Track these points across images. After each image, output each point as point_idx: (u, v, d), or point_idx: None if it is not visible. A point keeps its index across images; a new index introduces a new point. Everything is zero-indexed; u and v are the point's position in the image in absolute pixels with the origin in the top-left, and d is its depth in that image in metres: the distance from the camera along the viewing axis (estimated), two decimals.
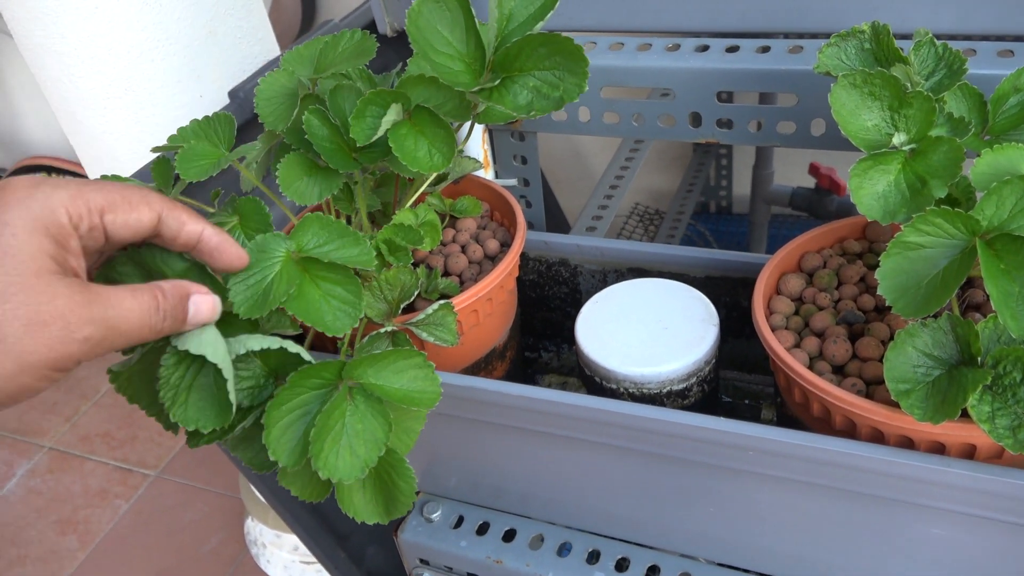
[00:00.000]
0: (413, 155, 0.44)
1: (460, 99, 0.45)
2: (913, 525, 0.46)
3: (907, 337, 0.41)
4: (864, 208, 0.41)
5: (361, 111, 0.44)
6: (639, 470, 0.53)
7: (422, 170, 0.44)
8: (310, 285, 0.42)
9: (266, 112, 0.48)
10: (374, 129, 0.44)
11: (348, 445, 0.39)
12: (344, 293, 0.42)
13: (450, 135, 0.45)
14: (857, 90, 0.42)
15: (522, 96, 0.43)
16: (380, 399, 0.41)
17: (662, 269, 0.64)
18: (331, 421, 0.39)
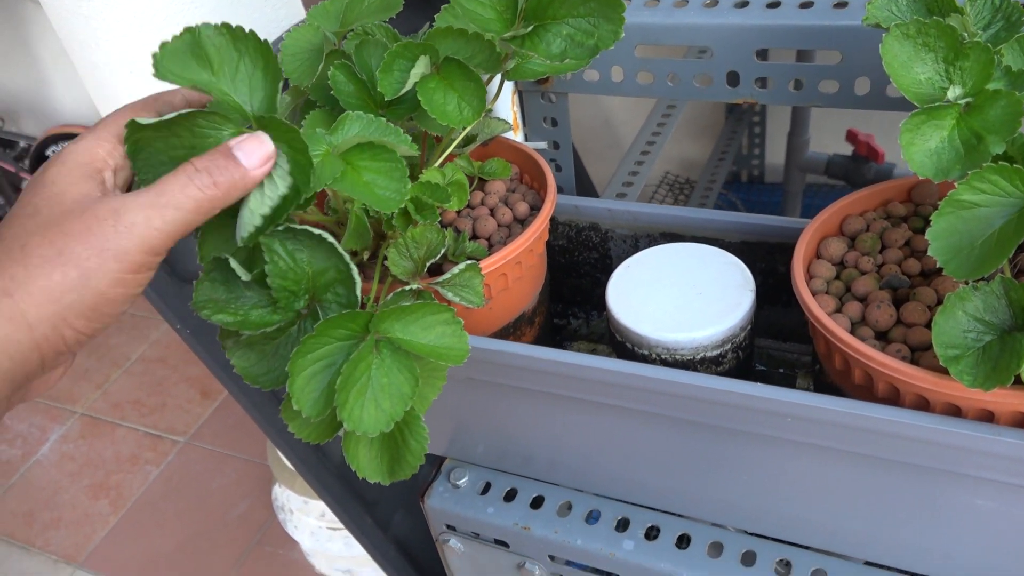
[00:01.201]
0: (443, 109, 0.43)
1: (490, 50, 0.44)
2: (956, 496, 0.44)
3: (957, 301, 0.40)
4: (916, 165, 0.39)
5: (388, 64, 0.43)
6: (671, 437, 0.52)
7: (451, 123, 0.43)
8: (354, 174, 0.40)
9: (291, 68, 0.47)
10: (402, 83, 0.43)
11: (373, 398, 0.38)
12: (388, 181, 0.40)
13: (480, 88, 0.44)
14: (910, 41, 0.40)
15: (555, 44, 0.42)
16: (407, 353, 0.40)
17: (696, 234, 0.62)
18: (357, 373, 0.38)
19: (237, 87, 0.41)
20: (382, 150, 0.40)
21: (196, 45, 0.40)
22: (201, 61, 0.41)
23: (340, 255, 0.41)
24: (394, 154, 0.40)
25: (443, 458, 0.66)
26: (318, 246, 0.41)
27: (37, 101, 2.11)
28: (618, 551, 0.57)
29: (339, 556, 1.44)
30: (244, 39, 0.41)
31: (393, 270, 0.48)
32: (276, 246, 0.40)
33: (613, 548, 0.58)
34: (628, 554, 0.57)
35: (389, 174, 0.40)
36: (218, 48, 0.41)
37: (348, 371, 0.38)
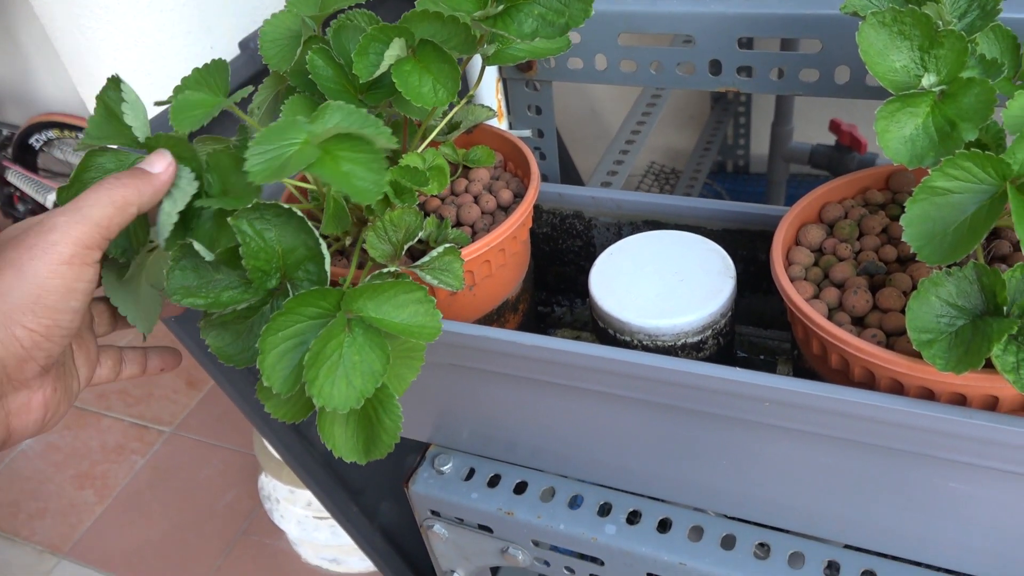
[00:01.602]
0: (417, 91, 0.43)
1: (466, 32, 0.44)
2: (931, 479, 0.45)
3: (931, 286, 0.40)
4: (891, 152, 0.40)
5: (364, 47, 0.43)
6: (652, 422, 0.52)
7: (426, 105, 0.43)
8: (332, 163, 0.40)
9: (270, 53, 0.47)
10: (376, 65, 0.43)
11: (344, 375, 0.38)
12: (367, 172, 0.40)
13: (455, 70, 0.44)
14: (886, 29, 0.41)
15: (527, 24, 0.42)
16: (379, 331, 0.40)
17: (678, 222, 0.63)
18: (327, 350, 0.38)
19: (134, 123, 0.44)
20: (361, 141, 0.40)
21: (106, 107, 0.46)
22: (112, 117, 0.45)
23: (309, 231, 0.42)
24: (372, 145, 0.40)
25: (427, 444, 0.67)
26: (287, 223, 0.42)
27: (20, 89, 2.09)
28: (600, 535, 0.58)
29: (325, 545, 1.44)
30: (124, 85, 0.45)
31: (372, 253, 0.48)
32: (244, 226, 0.41)
33: (595, 533, 0.58)
34: (610, 538, 0.58)
35: (368, 165, 0.40)
36: (115, 101, 0.45)
37: (317, 347, 0.38)
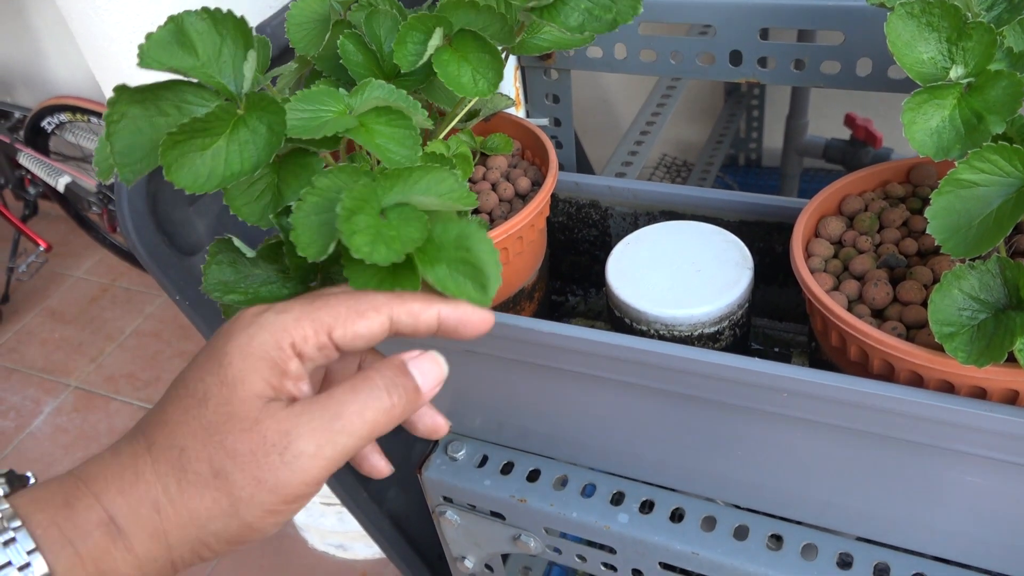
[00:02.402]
0: (457, 80, 0.43)
1: (503, 22, 0.44)
2: (948, 472, 0.45)
3: (954, 279, 0.40)
4: (916, 144, 0.40)
5: (403, 37, 0.43)
6: (667, 412, 0.52)
7: (467, 95, 0.43)
8: (367, 135, 0.40)
9: (297, 37, 0.47)
10: (418, 55, 0.43)
11: (383, 242, 0.35)
12: (400, 147, 0.40)
13: (497, 59, 0.44)
14: (915, 20, 0.41)
15: (574, 17, 0.42)
16: (414, 207, 0.37)
17: (695, 212, 0.63)
18: (362, 224, 0.35)
19: (222, 69, 0.41)
20: (398, 116, 0.40)
21: (180, 32, 0.41)
22: (185, 47, 0.41)
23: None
24: (409, 121, 0.40)
25: None
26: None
27: (32, 72, 2.10)
28: (613, 524, 0.58)
29: (332, 531, 1.45)
30: (224, 21, 0.41)
31: None
32: (286, 223, 0.40)
33: (608, 521, 0.58)
34: (622, 527, 0.58)
35: (402, 141, 0.40)
36: (200, 33, 0.41)
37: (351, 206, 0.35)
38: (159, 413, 0.34)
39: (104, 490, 0.32)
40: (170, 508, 0.32)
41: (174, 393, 0.34)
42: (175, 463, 0.32)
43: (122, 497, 0.32)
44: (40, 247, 2.05)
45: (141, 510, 0.32)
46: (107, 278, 2.26)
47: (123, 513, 0.32)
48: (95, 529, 0.31)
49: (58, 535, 0.31)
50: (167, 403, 0.34)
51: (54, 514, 0.31)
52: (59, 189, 1.93)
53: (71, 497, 0.32)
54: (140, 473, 0.32)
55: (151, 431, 0.33)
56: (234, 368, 0.33)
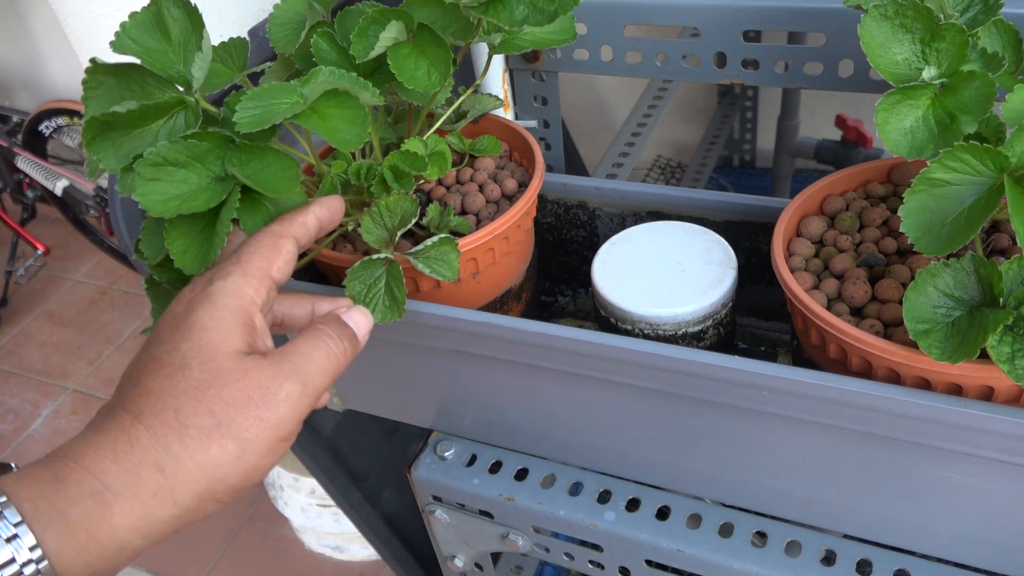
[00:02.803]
0: (412, 74, 0.45)
1: (465, 21, 0.45)
2: (927, 468, 0.46)
3: (928, 277, 0.41)
4: (891, 144, 0.41)
5: (363, 29, 0.45)
6: (652, 410, 0.53)
7: (419, 88, 0.44)
8: (319, 120, 0.43)
9: (277, 37, 0.48)
10: (372, 46, 0.44)
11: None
12: (350, 126, 0.42)
13: (448, 54, 0.46)
14: (888, 21, 0.41)
15: (518, 11, 0.43)
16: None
17: (681, 213, 0.63)
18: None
19: (186, 58, 0.44)
20: (347, 98, 0.43)
21: (158, 16, 0.44)
22: (161, 31, 0.44)
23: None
24: (357, 101, 0.43)
25: (430, 431, 0.68)
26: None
27: (30, 75, 2.10)
28: (599, 522, 0.59)
29: (329, 533, 1.45)
30: (197, 16, 0.45)
31: (366, 238, 0.48)
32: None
33: (595, 519, 0.59)
34: (609, 525, 0.58)
35: (352, 120, 0.42)
36: (176, 20, 0.44)
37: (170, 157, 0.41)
38: (135, 387, 0.35)
39: (96, 463, 0.33)
40: (176, 465, 0.34)
41: (146, 368, 0.36)
42: (172, 424, 0.34)
43: (117, 465, 0.33)
44: (38, 250, 2.06)
45: (142, 472, 0.33)
46: (105, 281, 2.26)
47: (119, 480, 0.33)
48: (87, 498, 0.32)
49: (47, 507, 0.31)
50: (142, 377, 0.36)
51: (42, 489, 0.32)
52: (57, 192, 1.94)
53: (59, 473, 0.32)
54: (135, 440, 0.34)
55: (132, 404, 0.35)
56: (208, 332, 0.36)
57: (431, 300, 0.55)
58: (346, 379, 0.68)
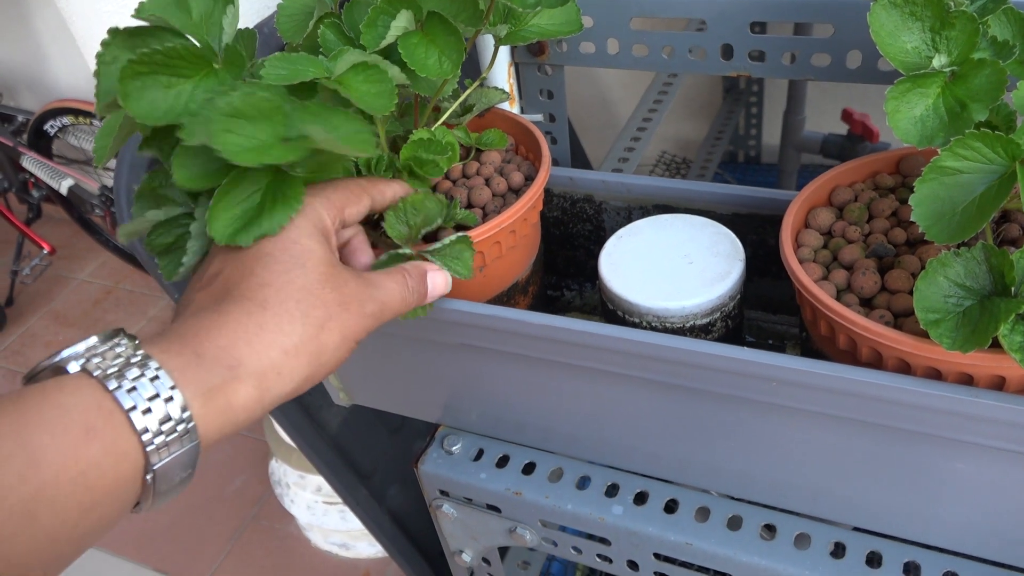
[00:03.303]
0: (423, 63, 0.45)
1: (474, 7, 0.45)
2: (937, 459, 0.45)
3: (939, 266, 0.41)
4: (900, 132, 0.40)
5: (372, 19, 0.45)
6: (659, 403, 0.53)
7: (431, 75, 0.45)
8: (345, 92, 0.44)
9: (285, 27, 0.48)
10: (383, 36, 0.44)
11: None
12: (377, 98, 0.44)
13: (460, 42, 0.46)
14: (897, 10, 0.41)
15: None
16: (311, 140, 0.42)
17: (688, 206, 0.63)
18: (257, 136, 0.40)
19: (210, 29, 0.44)
20: (375, 71, 0.43)
21: None
22: (182, 7, 0.44)
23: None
24: (386, 74, 0.43)
25: (437, 425, 0.68)
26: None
27: (35, 75, 2.11)
28: (607, 516, 0.58)
29: (335, 530, 1.45)
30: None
31: (389, 232, 0.49)
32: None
33: (602, 513, 0.59)
34: (617, 519, 0.58)
35: (379, 92, 0.43)
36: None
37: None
38: (252, 277, 0.40)
39: (232, 344, 0.38)
40: (296, 349, 0.39)
41: (259, 263, 0.41)
42: (294, 313, 0.40)
43: (249, 347, 0.38)
44: (44, 250, 2.07)
45: (270, 354, 0.38)
46: (110, 280, 2.27)
47: (251, 359, 0.38)
48: (225, 371, 0.37)
49: (193, 377, 0.36)
50: (257, 269, 0.41)
51: (187, 360, 0.36)
52: (62, 192, 1.94)
53: (200, 350, 0.37)
54: (263, 325, 0.39)
55: (255, 294, 0.40)
56: (303, 247, 0.42)
57: None
58: (352, 374, 0.68)
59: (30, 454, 0.30)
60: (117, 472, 0.33)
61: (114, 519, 0.34)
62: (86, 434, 0.32)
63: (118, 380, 0.34)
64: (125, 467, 0.33)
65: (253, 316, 0.39)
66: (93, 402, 0.33)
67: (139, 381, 0.34)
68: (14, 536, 0.30)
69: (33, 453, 0.31)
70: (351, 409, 0.88)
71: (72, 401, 0.33)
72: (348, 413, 0.90)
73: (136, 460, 0.33)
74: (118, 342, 0.36)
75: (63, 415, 0.32)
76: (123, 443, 0.33)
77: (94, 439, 0.32)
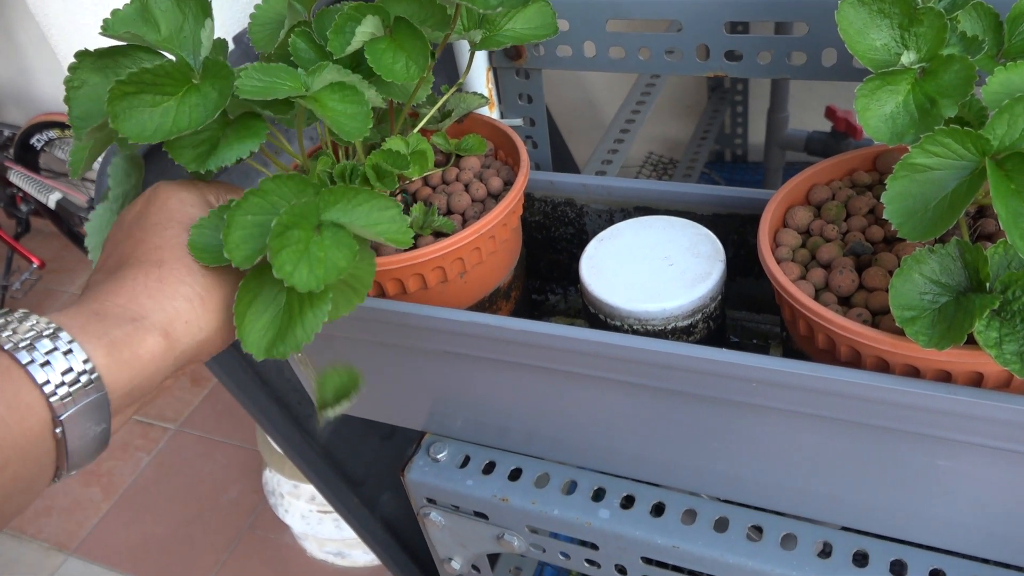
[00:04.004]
0: (390, 67, 0.45)
1: (442, 12, 0.45)
2: (919, 456, 0.45)
3: (914, 263, 0.40)
4: (871, 130, 0.40)
5: (340, 25, 0.45)
6: (642, 406, 0.53)
7: (397, 80, 0.45)
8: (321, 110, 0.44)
9: (258, 37, 0.48)
10: (348, 42, 0.44)
11: (308, 264, 0.38)
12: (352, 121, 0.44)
13: (426, 47, 0.46)
14: (865, 7, 0.41)
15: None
16: (348, 232, 0.41)
17: (669, 207, 0.63)
18: (293, 238, 0.39)
19: (182, 43, 0.44)
20: (352, 91, 0.43)
21: (144, 10, 0.44)
22: (149, 24, 0.44)
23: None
24: (362, 96, 0.43)
25: (423, 433, 0.67)
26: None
27: (19, 89, 2.10)
28: (594, 520, 0.58)
29: (329, 539, 1.45)
30: (186, 0, 0.45)
31: None
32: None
33: (589, 517, 0.58)
34: (604, 523, 0.58)
35: (354, 115, 0.43)
36: (164, 11, 0.44)
37: (286, 221, 0.38)
38: (144, 244, 0.42)
39: (132, 299, 0.39)
40: (200, 299, 0.41)
41: (151, 231, 0.42)
42: (192, 267, 0.41)
43: (152, 300, 0.39)
44: (33, 264, 2.06)
45: (175, 303, 0.40)
46: None
47: (154, 311, 0.39)
48: (127, 324, 0.38)
49: (94, 331, 0.37)
50: (148, 236, 0.42)
51: (87, 319, 0.37)
52: (50, 206, 1.93)
53: (99, 309, 0.38)
54: (163, 280, 0.40)
55: (151, 256, 0.41)
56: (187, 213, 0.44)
57: (419, 300, 0.55)
58: None
59: None
60: (23, 426, 0.33)
61: (31, 483, 0.34)
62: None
63: (13, 341, 0.34)
64: (31, 421, 0.33)
65: (151, 274, 0.40)
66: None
67: (37, 341, 0.34)
68: None
69: None
70: (341, 417, 0.88)
71: None
72: (338, 421, 0.89)
73: (41, 413, 0.34)
74: (10, 318, 0.36)
75: None
76: (25, 395, 0.33)
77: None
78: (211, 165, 0.42)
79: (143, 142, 0.41)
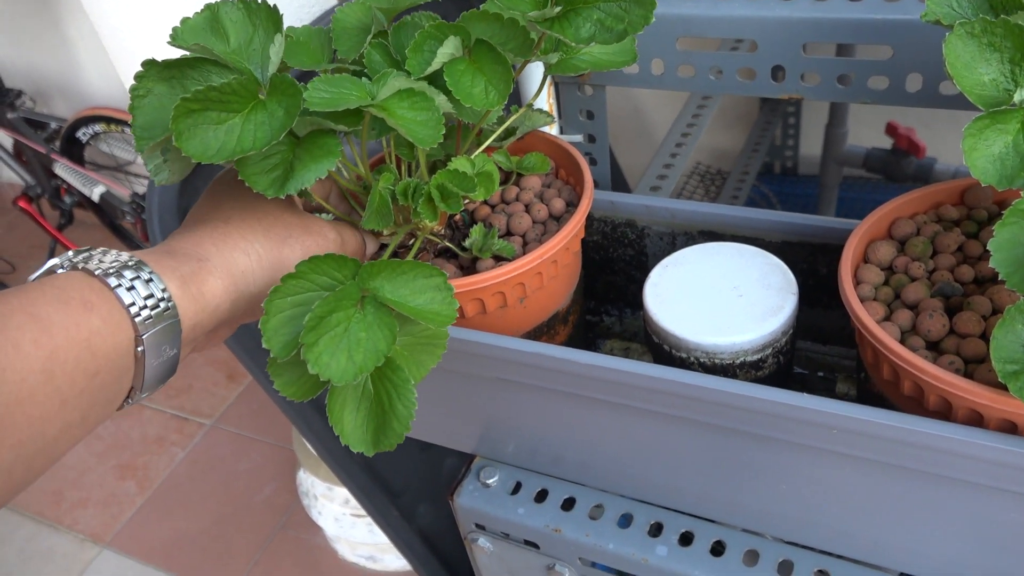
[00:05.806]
0: (469, 91, 0.43)
1: (524, 36, 0.43)
2: (1011, 515, 0.43)
3: (1017, 314, 0.38)
4: (978, 172, 0.38)
5: (419, 44, 0.43)
6: (707, 443, 0.51)
7: (476, 106, 0.42)
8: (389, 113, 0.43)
9: (342, 43, 0.47)
10: (429, 62, 0.43)
11: (346, 349, 0.37)
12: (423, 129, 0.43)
13: (508, 72, 0.44)
14: (975, 40, 0.38)
15: (585, 28, 0.41)
16: (390, 312, 0.40)
17: (736, 233, 0.61)
18: (333, 321, 0.38)
19: (251, 56, 0.43)
20: (421, 98, 0.42)
21: (214, 20, 0.44)
22: (218, 35, 0.43)
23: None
24: (432, 102, 0.42)
25: (473, 456, 0.66)
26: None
27: (67, 83, 2.12)
28: (651, 557, 0.56)
29: (362, 543, 1.44)
30: (258, 11, 0.44)
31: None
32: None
33: (646, 554, 0.56)
34: (661, 560, 0.56)
35: (425, 122, 0.42)
36: (234, 22, 0.44)
37: (321, 312, 0.38)
38: (219, 208, 0.46)
39: (197, 246, 0.43)
40: (259, 256, 0.44)
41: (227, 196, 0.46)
42: (256, 228, 0.45)
43: (215, 248, 0.43)
44: None
45: (235, 255, 0.43)
46: None
47: (217, 257, 0.42)
48: (194, 263, 0.41)
49: (167, 266, 0.40)
50: (224, 201, 0.46)
51: (159, 257, 0.41)
52: (94, 199, 1.95)
53: (169, 250, 0.42)
54: (228, 235, 0.44)
55: (221, 215, 0.45)
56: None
57: (476, 325, 0.54)
58: None
59: (40, 323, 0.34)
60: (115, 339, 0.36)
61: (112, 398, 0.37)
62: (85, 307, 0.36)
63: (102, 268, 0.38)
64: (120, 336, 0.37)
65: (218, 229, 0.44)
66: (86, 284, 0.37)
67: (123, 269, 0.38)
68: (33, 395, 0.33)
69: (43, 322, 0.34)
70: None
71: (68, 284, 0.37)
72: None
73: (128, 331, 0.37)
74: (94, 251, 0.40)
75: (63, 293, 0.36)
76: (116, 315, 0.37)
77: (92, 311, 0.36)
78: (291, 189, 0.41)
79: (206, 161, 0.40)
